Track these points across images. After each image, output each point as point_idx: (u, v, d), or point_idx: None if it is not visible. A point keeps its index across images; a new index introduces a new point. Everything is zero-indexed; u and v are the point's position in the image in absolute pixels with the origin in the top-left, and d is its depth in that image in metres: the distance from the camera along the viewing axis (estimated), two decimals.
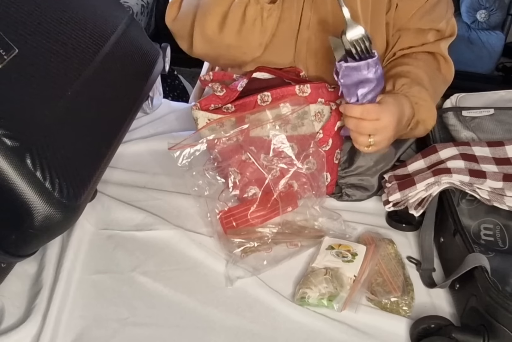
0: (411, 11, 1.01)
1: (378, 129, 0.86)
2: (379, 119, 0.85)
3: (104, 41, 0.92)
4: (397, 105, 0.89)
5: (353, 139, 0.89)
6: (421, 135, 1.01)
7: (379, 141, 0.88)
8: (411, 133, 0.98)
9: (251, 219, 0.93)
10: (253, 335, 0.78)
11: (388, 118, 0.86)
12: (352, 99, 0.85)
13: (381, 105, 0.87)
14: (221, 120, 0.93)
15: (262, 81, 1.01)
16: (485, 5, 2.84)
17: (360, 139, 0.88)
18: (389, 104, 0.88)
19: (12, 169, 0.65)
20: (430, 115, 0.97)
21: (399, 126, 0.89)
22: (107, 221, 0.95)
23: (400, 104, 0.90)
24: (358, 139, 0.88)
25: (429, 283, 0.85)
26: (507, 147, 0.95)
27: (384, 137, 0.88)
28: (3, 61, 0.70)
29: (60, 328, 0.76)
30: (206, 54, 1.06)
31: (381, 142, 0.88)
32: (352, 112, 0.85)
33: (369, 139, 0.87)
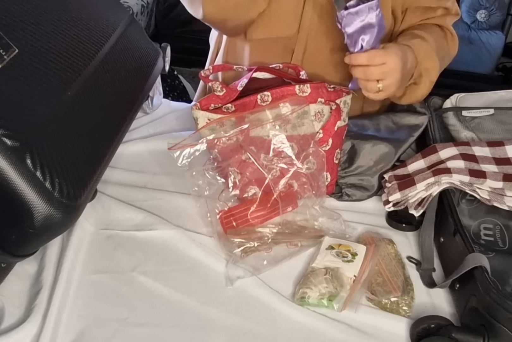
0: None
1: (386, 73, 0.89)
2: (386, 63, 0.88)
3: (104, 41, 0.92)
4: (400, 49, 0.92)
5: (363, 87, 0.92)
6: (426, 92, 1.04)
7: (388, 85, 0.90)
8: (416, 90, 1.01)
9: (251, 219, 0.93)
10: (253, 335, 0.78)
11: (394, 60, 0.89)
12: (356, 48, 0.88)
13: (386, 49, 0.90)
14: (221, 120, 0.93)
15: (262, 81, 1.01)
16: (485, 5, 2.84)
17: (370, 86, 0.90)
18: (393, 47, 0.91)
19: (12, 169, 0.65)
20: (433, 65, 1.00)
21: (405, 69, 0.92)
22: (107, 221, 0.95)
23: (403, 50, 0.93)
24: (367, 86, 0.91)
25: (429, 283, 0.85)
26: (507, 147, 0.95)
27: (392, 81, 0.90)
28: (3, 61, 0.70)
29: (60, 328, 0.76)
30: (215, 18, 1.05)
31: (390, 86, 0.91)
32: (358, 60, 0.88)
33: (378, 85, 0.90)
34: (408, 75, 0.96)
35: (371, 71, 0.89)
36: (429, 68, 0.99)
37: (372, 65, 0.88)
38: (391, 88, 0.92)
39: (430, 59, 0.99)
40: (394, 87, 0.92)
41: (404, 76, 0.93)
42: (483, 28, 2.90)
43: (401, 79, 0.92)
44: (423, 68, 0.98)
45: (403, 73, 0.92)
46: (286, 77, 1.04)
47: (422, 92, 1.03)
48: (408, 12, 1.07)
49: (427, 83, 1.01)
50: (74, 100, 0.79)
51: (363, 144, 1.01)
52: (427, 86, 1.02)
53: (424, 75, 1.00)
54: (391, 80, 0.90)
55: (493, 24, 2.89)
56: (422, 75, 0.99)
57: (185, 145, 0.90)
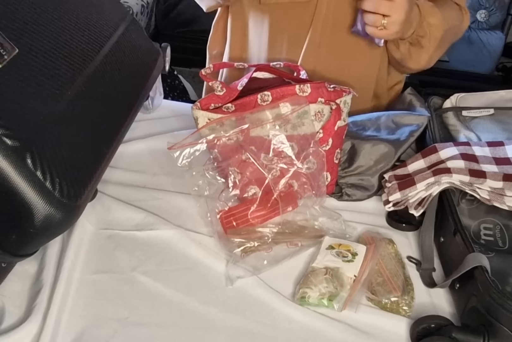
0: None
1: (393, 8, 0.94)
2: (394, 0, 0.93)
3: (104, 41, 0.92)
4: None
5: (367, 21, 0.97)
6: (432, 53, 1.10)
7: (391, 23, 0.95)
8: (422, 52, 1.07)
9: (251, 218, 0.93)
10: (253, 335, 0.78)
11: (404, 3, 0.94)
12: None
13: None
14: (221, 120, 0.93)
15: (262, 81, 1.01)
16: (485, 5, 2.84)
17: (375, 18, 0.95)
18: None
19: (13, 169, 0.65)
20: (437, 22, 1.05)
21: (410, 13, 0.97)
22: (107, 221, 0.95)
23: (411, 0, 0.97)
24: (372, 19, 0.96)
25: (429, 283, 0.85)
26: (507, 147, 0.95)
27: (396, 19, 0.95)
28: (3, 61, 0.70)
29: (60, 328, 0.76)
30: None
31: (393, 24, 0.96)
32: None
33: (383, 21, 0.95)
34: (411, 23, 1.00)
35: (380, 2, 0.94)
36: (433, 25, 1.04)
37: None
38: (395, 27, 0.96)
39: (434, 17, 1.04)
40: (397, 26, 0.96)
41: (408, 19, 0.97)
42: (483, 28, 2.90)
43: (405, 22, 0.96)
44: (426, 24, 1.03)
45: (408, 16, 0.96)
46: (286, 77, 1.04)
47: (428, 53, 1.08)
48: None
49: (432, 42, 1.06)
50: (74, 100, 0.79)
51: (363, 144, 1.00)
52: (432, 46, 1.07)
53: (428, 32, 1.04)
54: (396, 17, 0.94)
55: (493, 24, 2.89)
56: (426, 34, 1.04)
57: (185, 145, 0.90)
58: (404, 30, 1.00)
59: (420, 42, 1.07)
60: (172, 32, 3.11)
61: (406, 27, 1.00)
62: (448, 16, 1.09)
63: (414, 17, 1.01)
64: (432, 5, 1.06)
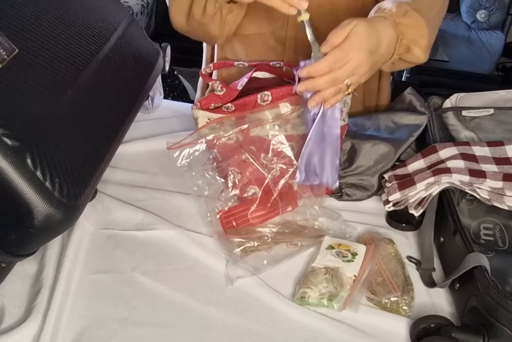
0: None
1: (352, 71, 0.81)
2: (349, 61, 0.80)
3: (104, 41, 0.92)
4: (365, 35, 0.82)
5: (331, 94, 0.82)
6: (423, 57, 0.93)
7: (357, 79, 0.82)
8: (410, 56, 0.92)
9: (251, 218, 0.93)
10: (253, 335, 0.78)
11: (357, 54, 0.80)
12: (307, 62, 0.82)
13: (342, 45, 0.80)
14: (221, 120, 0.93)
15: (262, 81, 1.01)
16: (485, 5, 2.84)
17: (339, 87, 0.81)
18: (352, 39, 0.80)
19: (13, 169, 0.65)
20: (419, 33, 0.89)
21: (375, 56, 0.83)
22: (107, 221, 0.95)
23: (372, 31, 0.83)
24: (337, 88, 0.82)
25: (429, 283, 0.85)
26: (507, 147, 0.95)
27: (360, 74, 0.82)
28: (4, 61, 0.70)
29: (60, 328, 0.77)
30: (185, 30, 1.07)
31: (360, 78, 0.83)
32: (319, 69, 0.80)
33: (346, 82, 0.81)
34: (386, 55, 0.87)
35: (336, 76, 0.80)
36: (417, 38, 0.89)
37: (335, 69, 0.79)
38: (361, 80, 0.83)
39: (415, 29, 0.88)
40: (364, 78, 0.84)
41: (376, 62, 0.84)
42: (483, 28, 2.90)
43: (372, 69, 0.84)
44: (409, 40, 0.88)
45: (373, 61, 0.83)
46: (286, 77, 1.04)
47: (417, 60, 0.93)
48: None
49: (418, 53, 0.91)
50: (74, 100, 0.79)
51: (363, 144, 1.01)
52: (420, 55, 0.92)
53: (413, 45, 0.89)
54: (359, 74, 0.82)
55: (493, 24, 2.89)
56: (410, 47, 0.90)
57: (184, 145, 0.90)
58: (374, 68, 0.85)
59: (403, 58, 0.92)
60: (172, 32, 3.10)
61: (376, 66, 0.86)
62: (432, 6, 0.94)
63: (388, 46, 0.86)
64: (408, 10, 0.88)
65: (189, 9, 0.96)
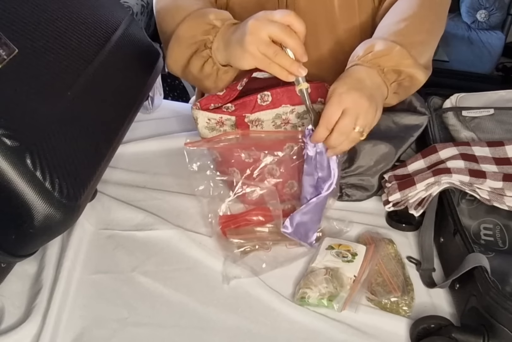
0: None
1: (355, 114, 0.80)
2: (345, 108, 0.80)
3: (104, 41, 0.92)
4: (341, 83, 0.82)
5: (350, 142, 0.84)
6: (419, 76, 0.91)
7: (364, 122, 0.82)
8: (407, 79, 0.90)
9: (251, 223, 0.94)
10: (253, 335, 0.78)
11: (348, 98, 0.80)
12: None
13: (330, 98, 0.81)
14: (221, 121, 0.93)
15: (262, 81, 1.01)
16: (485, 5, 2.84)
17: (352, 137, 0.82)
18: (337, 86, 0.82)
19: (12, 169, 0.65)
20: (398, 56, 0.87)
21: (365, 90, 0.82)
22: (107, 221, 0.95)
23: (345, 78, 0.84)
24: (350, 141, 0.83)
25: (429, 283, 0.85)
26: (507, 147, 0.95)
27: (365, 114, 0.81)
28: (3, 61, 0.70)
29: (60, 328, 0.77)
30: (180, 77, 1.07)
31: (367, 120, 0.82)
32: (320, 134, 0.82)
33: (356, 129, 0.81)
34: (374, 88, 0.85)
35: (341, 128, 0.80)
36: (398, 61, 0.87)
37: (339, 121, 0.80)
38: (369, 119, 0.82)
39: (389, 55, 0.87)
40: (371, 117, 0.82)
41: (371, 95, 0.83)
42: (483, 28, 2.90)
43: (372, 102, 0.82)
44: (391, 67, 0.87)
45: (368, 94, 0.82)
46: None
47: (416, 81, 0.92)
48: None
49: (412, 72, 0.89)
50: (74, 100, 0.79)
51: (363, 145, 1.00)
52: (416, 72, 0.90)
53: (400, 69, 0.88)
54: (363, 113, 0.81)
55: (493, 24, 2.89)
56: (399, 72, 0.88)
57: (202, 144, 0.89)
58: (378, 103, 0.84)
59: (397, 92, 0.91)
60: None
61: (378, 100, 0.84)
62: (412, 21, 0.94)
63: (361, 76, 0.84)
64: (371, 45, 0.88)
65: (187, 62, 0.95)
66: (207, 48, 0.91)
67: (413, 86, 0.94)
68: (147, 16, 2.87)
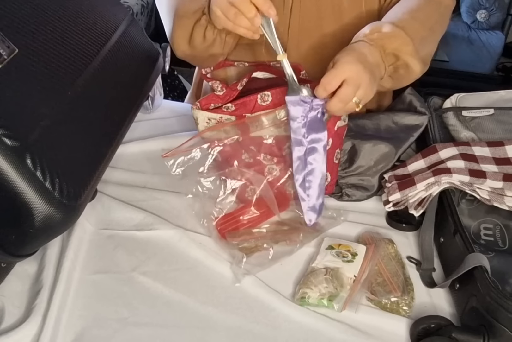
0: None
1: (355, 83, 0.83)
2: (347, 77, 0.82)
3: (104, 41, 0.92)
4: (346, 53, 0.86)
5: (344, 113, 0.88)
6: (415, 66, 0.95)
7: (364, 93, 0.84)
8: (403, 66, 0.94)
9: (246, 222, 0.93)
10: (253, 335, 0.78)
11: (351, 67, 0.83)
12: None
13: (336, 65, 0.84)
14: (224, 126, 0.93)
15: (262, 81, 1.01)
16: (485, 5, 2.84)
17: (348, 107, 0.85)
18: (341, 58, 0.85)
19: (12, 169, 0.65)
20: (400, 41, 0.91)
21: (367, 64, 0.85)
22: (107, 221, 0.95)
23: (351, 50, 0.87)
24: (347, 109, 0.86)
25: (429, 283, 0.85)
26: (507, 147, 0.95)
27: (365, 86, 0.84)
28: (3, 61, 0.70)
29: (60, 328, 0.77)
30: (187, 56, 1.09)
31: (366, 92, 0.85)
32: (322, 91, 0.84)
33: (354, 100, 0.84)
34: (375, 65, 0.88)
35: (342, 95, 0.83)
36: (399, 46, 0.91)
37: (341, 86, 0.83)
38: (368, 92, 0.85)
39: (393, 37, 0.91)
40: (370, 90, 0.85)
41: (372, 70, 0.86)
42: (483, 28, 2.90)
43: (372, 76, 0.85)
44: (391, 50, 0.91)
45: (369, 69, 0.85)
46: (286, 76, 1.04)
47: (412, 71, 0.95)
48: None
49: (408, 60, 0.93)
50: (74, 100, 0.79)
51: (363, 144, 1.00)
52: (413, 61, 0.93)
53: (399, 54, 0.92)
54: (364, 84, 0.84)
55: (493, 24, 2.89)
56: (398, 57, 0.92)
57: (179, 152, 0.90)
58: (376, 80, 0.87)
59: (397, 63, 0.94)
60: None
61: (376, 77, 0.88)
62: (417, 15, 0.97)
63: (365, 52, 0.87)
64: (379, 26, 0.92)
65: (190, 35, 1.00)
66: (204, 14, 0.95)
67: (408, 77, 0.98)
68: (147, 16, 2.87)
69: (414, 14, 0.97)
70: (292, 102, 0.87)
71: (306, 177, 0.90)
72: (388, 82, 0.96)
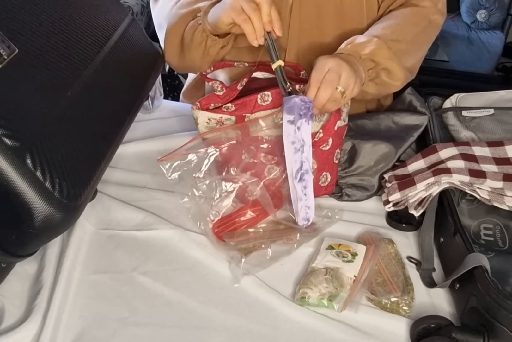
0: None
1: (337, 71, 0.87)
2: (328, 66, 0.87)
3: (104, 41, 0.92)
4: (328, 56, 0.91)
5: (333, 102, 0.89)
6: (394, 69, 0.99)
7: (346, 82, 0.88)
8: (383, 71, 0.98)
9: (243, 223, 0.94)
10: (253, 335, 0.78)
11: (331, 60, 0.88)
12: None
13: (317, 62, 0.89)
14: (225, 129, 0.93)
15: (262, 81, 1.01)
16: (485, 5, 2.84)
17: (334, 96, 0.88)
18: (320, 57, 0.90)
19: (13, 169, 0.65)
20: (375, 46, 0.96)
21: (346, 59, 0.90)
22: (107, 221, 0.95)
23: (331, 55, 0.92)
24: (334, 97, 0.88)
25: (429, 283, 0.85)
26: (507, 147, 0.95)
27: (347, 76, 0.88)
28: (3, 61, 0.70)
29: (60, 328, 0.77)
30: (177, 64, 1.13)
31: (348, 81, 0.88)
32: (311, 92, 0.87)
33: (338, 89, 0.88)
34: (355, 63, 0.92)
35: (327, 80, 0.87)
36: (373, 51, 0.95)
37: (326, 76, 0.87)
38: (350, 82, 0.88)
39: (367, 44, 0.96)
40: (352, 80, 0.89)
41: (352, 63, 0.91)
42: (483, 28, 2.90)
43: (352, 69, 0.89)
44: (366, 55, 0.95)
45: (349, 62, 0.90)
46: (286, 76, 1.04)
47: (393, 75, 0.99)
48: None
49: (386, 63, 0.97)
50: (74, 100, 0.79)
51: (363, 144, 1.00)
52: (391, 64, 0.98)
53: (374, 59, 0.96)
54: (345, 74, 0.88)
55: (493, 24, 2.89)
56: (374, 61, 0.96)
57: (176, 156, 0.90)
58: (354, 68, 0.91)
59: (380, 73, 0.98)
60: None
61: (358, 73, 0.92)
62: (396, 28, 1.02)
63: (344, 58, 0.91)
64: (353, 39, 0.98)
65: (181, 37, 1.04)
66: (197, 16, 1.00)
67: (392, 82, 1.01)
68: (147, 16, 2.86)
69: (394, 28, 1.02)
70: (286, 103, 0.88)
71: (303, 176, 0.90)
72: (372, 88, 1.00)
